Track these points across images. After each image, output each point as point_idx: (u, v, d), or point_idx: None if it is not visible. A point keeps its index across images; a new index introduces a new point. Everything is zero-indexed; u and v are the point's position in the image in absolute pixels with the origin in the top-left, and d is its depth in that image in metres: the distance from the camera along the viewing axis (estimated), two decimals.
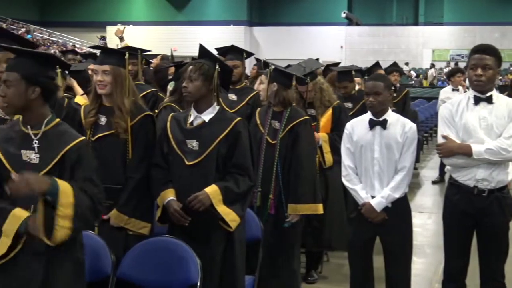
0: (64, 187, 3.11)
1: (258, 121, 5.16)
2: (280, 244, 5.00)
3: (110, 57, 4.27)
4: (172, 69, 6.49)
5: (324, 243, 6.00)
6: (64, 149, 3.23)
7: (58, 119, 3.36)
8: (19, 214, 3.15)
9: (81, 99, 5.32)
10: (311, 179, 4.96)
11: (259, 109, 5.30)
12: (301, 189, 4.91)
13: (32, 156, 3.23)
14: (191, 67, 4.11)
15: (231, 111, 5.58)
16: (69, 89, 6.09)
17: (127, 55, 4.27)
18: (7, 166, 3.22)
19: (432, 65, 35.48)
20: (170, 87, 5.89)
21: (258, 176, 4.98)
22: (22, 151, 3.23)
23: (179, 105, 5.06)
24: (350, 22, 39.84)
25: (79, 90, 5.77)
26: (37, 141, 3.25)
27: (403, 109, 9.48)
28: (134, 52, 5.37)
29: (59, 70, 3.54)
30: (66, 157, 3.23)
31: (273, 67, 5.05)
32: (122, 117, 4.16)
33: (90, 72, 5.58)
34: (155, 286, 3.99)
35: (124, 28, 8.64)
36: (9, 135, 3.29)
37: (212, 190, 4.00)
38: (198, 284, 3.87)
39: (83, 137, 3.38)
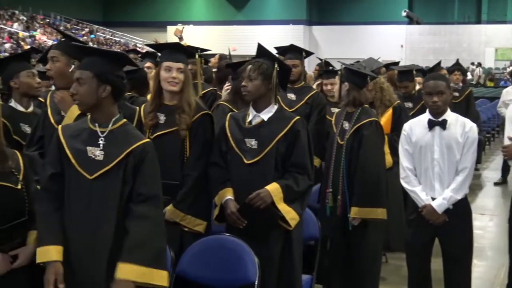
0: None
1: (333, 121, 5.12)
2: (348, 246, 4.95)
3: (184, 55, 4.32)
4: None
5: (383, 244, 5.94)
6: (128, 149, 3.28)
7: (125, 119, 3.42)
8: None
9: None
10: (374, 183, 4.82)
11: (337, 110, 5.25)
12: (362, 192, 4.81)
13: (97, 153, 3.29)
14: (250, 66, 4.12)
15: (290, 110, 5.59)
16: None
17: (197, 55, 4.30)
18: (73, 161, 3.28)
19: (479, 64, 34.75)
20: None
21: (330, 177, 4.96)
22: (88, 148, 3.30)
23: (233, 105, 5.08)
24: (410, 20, 39.35)
25: None
26: (103, 139, 3.31)
27: (466, 109, 9.30)
28: (194, 51, 5.42)
29: None
30: (130, 157, 3.27)
31: (344, 66, 4.99)
32: (190, 113, 4.19)
33: (147, 70, 5.66)
34: (214, 284, 4.02)
35: (183, 27, 8.72)
36: (76, 131, 3.36)
37: (273, 187, 4.00)
38: (256, 283, 3.87)
39: (148, 139, 3.43)
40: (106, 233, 3.24)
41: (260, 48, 4.27)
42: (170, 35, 37.23)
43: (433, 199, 4.48)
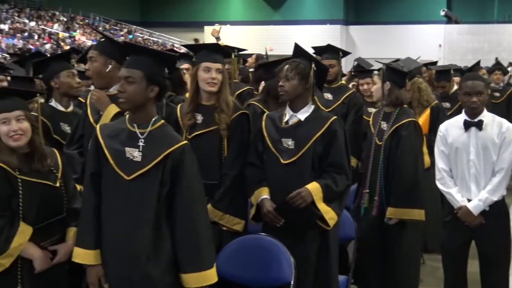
0: None
1: (371, 122, 5.11)
2: (385, 246, 4.93)
3: (222, 56, 4.35)
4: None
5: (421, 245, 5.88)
6: (167, 151, 3.30)
7: (163, 120, 3.44)
8: None
9: None
10: (412, 184, 4.78)
11: (375, 110, 5.22)
12: (399, 193, 4.79)
13: (135, 154, 3.30)
14: (287, 66, 4.12)
15: (327, 110, 5.59)
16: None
17: (233, 56, 4.31)
18: (111, 161, 3.31)
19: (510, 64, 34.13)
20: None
21: (367, 177, 4.94)
22: (126, 148, 3.31)
23: (265, 105, 5.08)
24: (449, 20, 38.88)
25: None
26: (142, 140, 3.32)
27: (507, 110, 9.17)
28: (230, 51, 5.45)
29: None
30: (169, 159, 3.29)
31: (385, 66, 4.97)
32: (228, 112, 4.21)
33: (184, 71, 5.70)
34: (249, 284, 4.05)
35: (220, 28, 8.76)
36: (114, 131, 3.38)
37: (313, 187, 4.00)
38: (292, 283, 3.89)
39: (186, 141, 3.45)
40: (144, 234, 3.26)
41: (297, 48, 4.27)
42: (207, 35, 37.34)
43: (469, 200, 4.44)
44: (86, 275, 3.35)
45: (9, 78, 5.41)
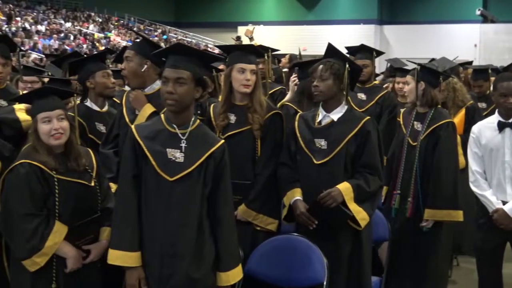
0: None
1: (401, 122, 5.06)
2: (419, 247, 4.89)
3: (256, 56, 4.35)
4: None
5: (454, 246, 5.83)
6: (209, 151, 3.32)
7: (199, 120, 3.45)
8: None
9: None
10: (451, 185, 4.73)
11: (403, 109, 5.18)
12: (439, 194, 4.73)
13: (177, 155, 3.31)
14: (321, 66, 4.11)
15: (360, 110, 5.57)
16: None
17: (266, 56, 4.32)
18: (153, 162, 3.30)
19: None
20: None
21: (399, 178, 4.90)
22: (168, 150, 3.31)
23: (298, 105, 5.07)
24: (484, 19, 38.41)
25: None
26: (184, 141, 3.33)
27: None
28: (264, 51, 5.45)
29: None
30: (211, 159, 3.31)
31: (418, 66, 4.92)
32: (262, 113, 4.22)
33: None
34: (282, 284, 4.05)
35: (254, 28, 8.79)
36: (152, 132, 3.36)
37: (344, 187, 3.99)
38: (325, 284, 3.88)
39: (223, 140, 3.47)
40: (188, 235, 3.28)
41: (331, 48, 4.26)
42: (240, 36, 37.45)
43: (504, 203, 4.38)
44: (126, 277, 3.33)
45: (46, 79, 5.47)
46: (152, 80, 4.20)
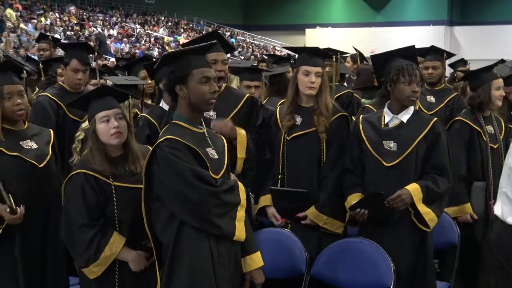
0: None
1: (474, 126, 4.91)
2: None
3: (322, 59, 4.35)
4: None
5: None
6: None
7: None
8: None
9: None
10: None
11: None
12: None
13: (213, 152, 3.37)
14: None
15: (429, 113, 5.47)
16: None
17: (334, 58, 4.31)
18: (208, 164, 3.31)
19: None
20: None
21: (490, 184, 4.79)
22: (207, 149, 3.35)
23: (379, 108, 5.03)
24: None
25: None
26: (208, 138, 3.40)
27: None
28: (332, 53, 5.44)
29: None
30: None
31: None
32: (328, 115, 4.22)
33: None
34: (347, 287, 4.03)
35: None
36: (190, 137, 3.30)
37: (413, 188, 3.96)
38: None
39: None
40: None
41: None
42: (308, 38, 37.37)
43: None
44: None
45: (109, 82, 5.56)
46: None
